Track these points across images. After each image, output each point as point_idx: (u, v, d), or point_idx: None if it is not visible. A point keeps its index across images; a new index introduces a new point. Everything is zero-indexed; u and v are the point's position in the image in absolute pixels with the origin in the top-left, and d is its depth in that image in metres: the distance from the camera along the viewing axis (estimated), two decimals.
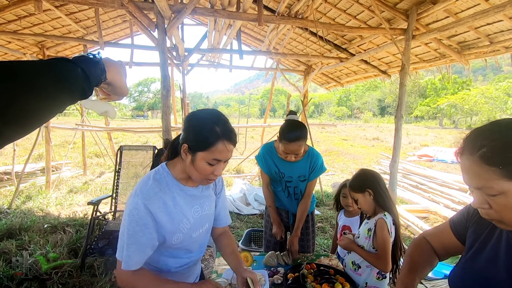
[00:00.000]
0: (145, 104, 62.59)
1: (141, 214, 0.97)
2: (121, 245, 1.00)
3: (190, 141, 0.99)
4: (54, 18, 4.38)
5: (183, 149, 1.01)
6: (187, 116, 1.06)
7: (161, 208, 1.01)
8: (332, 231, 4.11)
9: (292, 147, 1.79)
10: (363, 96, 57.80)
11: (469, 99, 31.08)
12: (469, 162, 0.70)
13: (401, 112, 3.34)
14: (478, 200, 0.73)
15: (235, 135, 1.04)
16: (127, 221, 0.98)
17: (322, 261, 1.80)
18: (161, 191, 1.02)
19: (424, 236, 1.10)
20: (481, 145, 0.68)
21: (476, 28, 3.17)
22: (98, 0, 2.81)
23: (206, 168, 1.00)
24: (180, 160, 1.07)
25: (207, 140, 0.97)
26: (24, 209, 4.41)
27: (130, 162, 3.74)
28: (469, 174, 0.71)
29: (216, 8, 3.05)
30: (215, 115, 1.03)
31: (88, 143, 8.05)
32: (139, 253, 0.99)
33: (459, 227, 0.98)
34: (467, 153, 0.71)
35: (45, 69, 0.47)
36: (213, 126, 0.98)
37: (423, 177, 6.93)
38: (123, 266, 0.98)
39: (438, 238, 1.06)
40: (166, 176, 1.06)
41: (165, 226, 1.02)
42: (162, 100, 2.95)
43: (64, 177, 6.49)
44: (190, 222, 1.10)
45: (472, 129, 0.76)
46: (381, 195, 1.60)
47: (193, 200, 1.12)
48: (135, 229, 0.97)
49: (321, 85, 7.17)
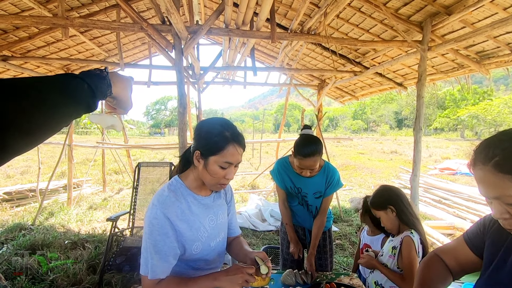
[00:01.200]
0: (162, 122, 64.29)
1: (161, 223, 1.00)
2: (144, 259, 1.01)
3: (201, 147, 1.04)
4: (79, 43, 4.66)
5: (196, 156, 1.05)
6: (196, 126, 1.11)
7: (179, 216, 1.04)
8: (351, 248, 3.96)
9: (307, 162, 1.76)
10: (378, 109, 56.95)
11: (491, 109, 29.93)
12: (483, 172, 0.70)
13: (420, 124, 3.26)
14: (498, 210, 0.71)
15: (243, 139, 1.08)
16: (147, 232, 1.00)
17: (343, 280, 1.72)
18: (177, 200, 1.06)
19: (436, 253, 1.04)
20: (493, 154, 0.68)
21: (495, 37, 3.09)
22: (120, 25, 2.97)
23: (218, 171, 1.04)
24: (192, 170, 1.12)
25: (218, 144, 1.02)
26: (47, 225, 4.54)
27: (147, 178, 3.81)
28: (484, 185, 0.71)
29: (230, 27, 3.15)
30: (223, 121, 1.08)
31: (108, 160, 8.30)
32: (162, 262, 1.00)
33: (475, 240, 0.93)
34: (479, 163, 0.71)
35: (53, 85, 0.49)
36: (223, 131, 1.03)
37: (446, 191, 6.63)
38: (150, 276, 0.99)
39: (452, 255, 0.99)
40: (180, 187, 1.10)
41: (184, 234, 1.04)
42: (178, 117, 3.02)
43: (84, 194, 6.67)
44: (207, 230, 1.13)
45: (481, 141, 0.75)
46: (404, 212, 1.53)
47: (207, 209, 1.15)
48: (156, 238, 0.99)
49: (336, 99, 7.14)
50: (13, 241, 3.76)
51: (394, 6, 3.19)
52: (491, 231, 0.88)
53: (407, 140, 26.28)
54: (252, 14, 2.96)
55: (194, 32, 2.95)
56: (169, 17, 2.56)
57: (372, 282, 1.63)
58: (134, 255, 2.91)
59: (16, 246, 3.57)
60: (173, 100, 64.36)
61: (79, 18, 2.93)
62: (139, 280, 2.92)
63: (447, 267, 0.99)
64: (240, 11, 2.84)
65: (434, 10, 3.01)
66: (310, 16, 3.59)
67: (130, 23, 3.01)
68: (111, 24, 2.93)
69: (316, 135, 5.89)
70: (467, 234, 0.97)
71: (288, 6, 4.04)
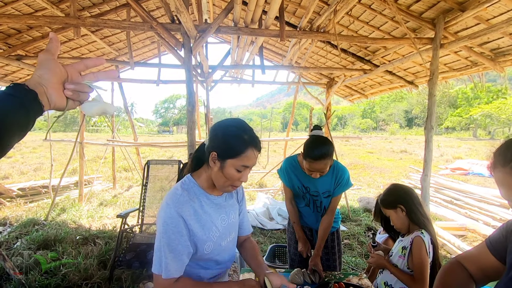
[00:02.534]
0: (171, 120, 64.89)
1: (175, 222, 1.00)
2: (157, 257, 1.00)
3: (219, 149, 1.03)
4: (90, 42, 4.73)
5: (211, 157, 1.04)
6: (213, 126, 1.09)
7: (192, 216, 1.04)
8: (360, 248, 3.92)
9: (318, 165, 1.70)
10: (388, 107, 56.12)
11: (506, 108, 29.11)
12: (503, 174, 0.70)
13: (432, 123, 3.19)
14: None
15: (260, 142, 1.09)
16: (161, 231, 1.00)
17: (351, 280, 1.71)
18: (190, 199, 1.06)
19: (458, 260, 1.01)
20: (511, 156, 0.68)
21: (511, 34, 3.00)
22: (130, 24, 3.00)
23: (234, 174, 1.03)
24: (205, 169, 1.11)
25: (237, 148, 1.02)
26: (59, 221, 4.64)
27: (156, 176, 3.85)
28: (504, 187, 0.71)
29: (239, 26, 3.15)
30: (241, 124, 1.08)
31: (118, 158, 8.42)
32: (177, 261, 1.00)
33: (497, 245, 0.90)
34: (499, 165, 0.71)
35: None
36: (242, 135, 1.03)
37: (458, 191, 6.49)
38: (164, 275, 0.99)
39: (474, 261, 0.96)
40: (193, 186, 1.10)
41: (197, 234, 1.05)
42: (187, 115, 3.04)
43: (95, 191, 6.80)
44: (219, 230, 1.13)
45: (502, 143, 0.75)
46: (414, 212, 1.51)
47: (220, 209, 1.15)
48: (170, 237, 0.99)
49: (345, 97, 7.07)
50: (27, 236, 3.86)
51: (406, 3, 3.13)
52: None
53: (417, 139, 25.84)
54: (261, 12, 2.96)
55: (203, 30, 2.96)
56: (178, 16, 2.57)
57: (382, 283, 1.61)
58: (144, 252, 2.95)
59: (29, 241, 3.66)
60: (181, 98, 64.86)
61: (91, 18, 2.97)
62: (148, 277, 2.97)
63: (469, 274, 0.96)
64: (249, 9, 2.83)
65: (447, 7, 2.94)
66: (320, 14, 3.56)
67: (140, 22, 3.04)
68: (122, 23, 2.96)
69: (325, 134, 5.84)
70: (489, 239, 0.94)
71: (297, 4, 4.01)
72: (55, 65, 0.55)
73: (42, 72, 0.54)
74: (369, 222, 4.87)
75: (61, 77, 0.56)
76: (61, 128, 44.12)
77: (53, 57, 0.56)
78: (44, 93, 0.53)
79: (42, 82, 0.53)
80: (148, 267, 2.82)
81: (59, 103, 0.56)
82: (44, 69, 0.54)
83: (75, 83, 0.58)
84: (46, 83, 0.53)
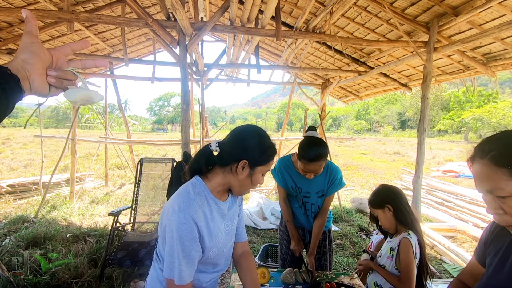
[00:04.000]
0: (165, 118, 64.44)
1: (190, 228, 0.98)
2: (170, 262, 0.98)
3: (252, 158, 1.05)
4: (84, 38, 4.67)
5: (241, 165, 1.04)
6: (240, 136, 1.08)
7: (203, 222, 1.03)
8: (352, 248, 3.95)
9: (313, 166, 1.71)
10: (382, 109, 56.63)
11: (496, 112, 29.65)
12: (479, 165, 0.74)
13: (424, 126, 3.24)
14: (491, 205, 0.75)
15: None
16: (175, 237, 0.97)
17: (343, 280, 1.72)
18: (202, 204, 1.04)
19: (458, 278, 1.09)
20: (489, 149, 0.72)
21: (502, 39, 3.06)
22: (125, 20, 2.97)
23: (260, 179, 1.10)
24: (221, 175, 1.08)
25: (267, 156, 1.07)
26: (49, 218, 4.57)
27: (149, 174, 3.82)
28: (479, 178, 0.75)
29: (235, 25, 3.14)
30: (263, 131, 1.13)
31: (111, 155, 8.33)
32: (190, 266, 1.00)
33: (480, 252, 0.96)
34: (477, 157, 0.75)
35: None
36: (270, 143, 1.10)
37: (449, 193, 6.59)
38: (178, 281, 0.97)
39: (469, 274, 1.04)
40: (203, 190, 1.07)
41: (205, 240, 1.03)
42: (182, 114, 3.02)
43: (87, 188, 6.71)
44: (223, 236, 1.12)
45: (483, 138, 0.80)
46: (401, 211, 1.53)
47: (225, 215, 1.14)
48: (184, 243, 0.97)
49: (339, 98, 7.11)
50: (15, 233, 3.80)
51: (401, 6, 3.17)
52: (491, 237, 0.90)
53: (410, 142, 26.14)
54: (258, 11, 2.95)
55: (199, 28, 2.95)
56: (174, 13, 2.55)
57: (371, 283, 1.63)
58: (135, 250, 2.93)
59: (18, 238, 3.60)
60: (176, 96, 64.47)
61: (85, 13, 2.93)
62: (139, 275, 2.95)
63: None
64: (246, 8, 2.83)
65: (441, 11, 2.98)
66: (316, 14, 3.57)
67: (135, 19, 3.00)
68: (116, 19, 2.93)
69: (319, 135, 5.87)
70: (476, 252, 1.00)
71: (293, 4, 4.02)
72: (39, 49, 0.53)
73: (27, 56, 0.51)
74: (362, 222, 4.91)
75: (45, 62, 0.54)
76: (53, 124, 43.44)
77: (37, 39, 0.53)
78: (26, 78, 0.51)
79: (26, 67, 0.51)
80: (139, 265, 2.80)
81: (41, 89, 0.53)
82: (28, 53, 0.51)
83: (58, 70, 0.56)
84: (30, 68, 0.51)
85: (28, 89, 0.52)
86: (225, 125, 26.62)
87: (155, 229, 3.49)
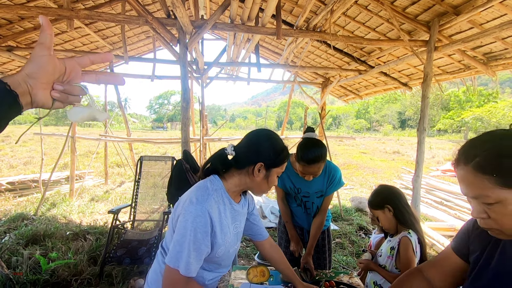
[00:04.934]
0: (165, 116, 64.39)
1: (205, 221, 0.99)
2: (177, 252, 0.97)
3: (268, 160, 1.09)
4: (84, 35, 4.66)
5: (257, 167, 1.08)
6: (256, 140, 1.14)
7: (217, 217, 1.04)
8: (351, 247, 3.96)
9: (312, 169, 1.68)
10: (382, 108, 56.64)
11: (496, 112, 29.65)
12: (464, 172, 0.71)
13: (424, 125, 3.24)
14: (476, 209, 0.73)
15: None
16: (190, 228, 0.96)
17: (342, 279, 1.73)
18: (219, 201, 1.07)
19: (419, 269, 1.00)
20: (474, 155, 0.69)
21: (503, 39, 3.06)
22: (125, 18, 2.96)
23: (275, 180, 1.14)
24: (237, 176, 1.12)
25: (282, 158, 1.12)
26: (49, 216, 4.57)
27: (149, 172, 3.82)
28: (465, 184, 0.72)
29: (235, 23, 3.13)
30: (276, 134, 1.18)
31: (110, 153, 8.32)
32: (197, 260, 1.00)
33: (460, 245, 0.91)
34: (461, 163, 0.72)
35: None
36: (283, 145, 1.15)
37: (448, 193, 6.60)
38: (184, 272, 0.96)
39: (437, 267, 0.96)
40: (220, 188, 1.10)
41: (217, 236, 1.05)
42: (182, 112, 3.02)
43: (86, 186, 6.71)
44: (231, 237, 1.14)
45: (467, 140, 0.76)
46: (401, 211, 1.53)
47: (236, 216, 1.17)
48: (197, 236, 0.97)
49: (339, 97, 7.11)
50: (15, 231, 3.80)
51: (402, 5, 3.16)
52: (475, 233, 0.87)
53: (410, 141, 26.16)
54: (258, 9, 2.94)
55: (199, 26, 2.94)
56: (174, 11, 2.54)
57: (371, 283, 1.63)
58: (135, 248, 2.93)
59: (18, 236, 3.60)
60: (176, 94, 64.41)
61: (84, 10, 2.92)
62: (139, 273, 2.95)
63: (427, 282, 0.96)
64: (246, 6, 2.82)
65: (442, 10, 2.98)
66: (316, 13, 3.56)
67: (135, 16, 3.00)
68: (116, 16, 2.92)
69: (319, 134, 5.86)
70: (454, 240, 0.95)
71: (294, 2, 4.01)
72: (48, 63, 0.50)
73: (33, 69, 0.48)
74: (361, 221, 4.92)
75: (54, 75, 0.51)
76: (52, 121, 43.41)
77: (48, 52, 0.50)
78: (28, 93, 0.48)
79: (29, 81, 0.48)
80: (139, 263, 2.80)
81: (43, 103, 0.51)
82: (35, 66, 0.49)
83: (66, 84, 0.52)
84: (33, 82, 0.48)
85: (29, 103, 0.49)
86: (225, 124, 26.49)
87: (154, 227, 3.49)
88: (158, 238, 3.07)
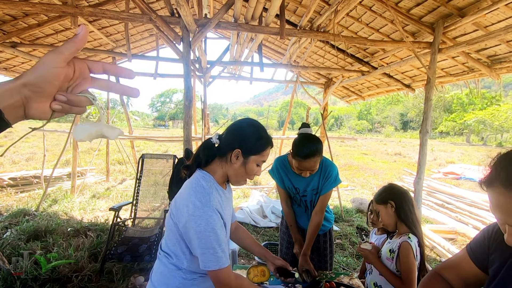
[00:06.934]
0: (167, 114, 64.42)
1: (218, 217, 1.04)
2: (210, 254, 1.01)
3: (245, 147, 1.11)
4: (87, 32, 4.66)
5: (235, 153, 1.11)
6: (236, 126, 1.17)
7: (221, 210, 1.09)
8: (351, 248, 3.95)
9: (307, 164, 1.67)
10: (384, 110, 56.47)
11: (499, 115, 29.51)
12: (504, 198, 0.59)
13: (427, 127, 3.22)
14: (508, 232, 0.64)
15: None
16: (208, 230, 1.00)
17: (342, 280, 1.72)
18: (217, 195, 1.11)
19: (438, 271, 0.98)
20: None
21: (508, 42, 3.04)
22: (129, 15, 2.96)
23: (254, 169, 1.15)
24: (220, 166, 1.15)
25: (262, 146, 1.13)
26: (50, 212, 4.59)
27: (150, 170, 3.83)
28: (503, 210, 0.61)
29: (239, 22, 3.13)
30: (260, 124, 1.19)
31: (112, 150, 8.34)
32: (225, 251, 1.05)
33: (479, 254, 0.86)
34: (499, 185, 0.60)
35: None
36: (264, 133, 1.16)
37: (449, 195, 6.59)
38: (224, 264, 1.03)
39: (454, 270, 0.93)
40: (213, 182, 1.13)
41: (226, 226, 1.14)
42: (184, 110, 3.02)
43: (88, 183, 6.73)
44: (228, 224, 1.19)
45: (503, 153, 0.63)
46: (404, 210, 1.52)
47: (228, 202, 1.22)
48: (217, 232, 1.02)
49: (342, 98, 7.09)
50: (16, 226, 3.82)
51: (406, 6, 3.14)
52: (496, 244, 0.81)
53: (411, 143, 26.08)
54: (262, 9, 2.94)
55: (202, 25, 2.94)
56: (178, 9, 2.54)
57: (371, 284, 1.63)
58: (135, 245, 2.94)
59: (19, 231, 3.62)
60: (178, 93, 64.38)
61: (89, 7, 2.92)
62: (139, 270, 2.96)
63: (449, 285, 0.93)
64: (250, 6, 2.81)
65: (447, 12, 2.96)
66: (320, 13, 3.55)
67: (139, 14, 3.00)
68: (120, 14, 2.92)
69: (321, 134, 5.84)
70: (470, 246, 0.91)
71: (298, 2, 4.00)
72: (57, 77, 0.42)
73: (35, 81, 0.40)
74: (362, 222, 4.91)
75: (57, 87, 0.43)
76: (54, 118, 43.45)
77: (63, 65, 0.42)
78: (21, 106, 0.40)
79: (25, 92, 0.40)
80: (139, 260, 2.81)
81: (40, 116, 0.43)
82: (38, 78, 0.40)
83: (70, 94, 0.44)
84: (30, 95, 0.40)
85: (21, 116, 0.42)
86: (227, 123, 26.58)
87: (155, 225, 3.50)
88: (158, 236, 3.08)
